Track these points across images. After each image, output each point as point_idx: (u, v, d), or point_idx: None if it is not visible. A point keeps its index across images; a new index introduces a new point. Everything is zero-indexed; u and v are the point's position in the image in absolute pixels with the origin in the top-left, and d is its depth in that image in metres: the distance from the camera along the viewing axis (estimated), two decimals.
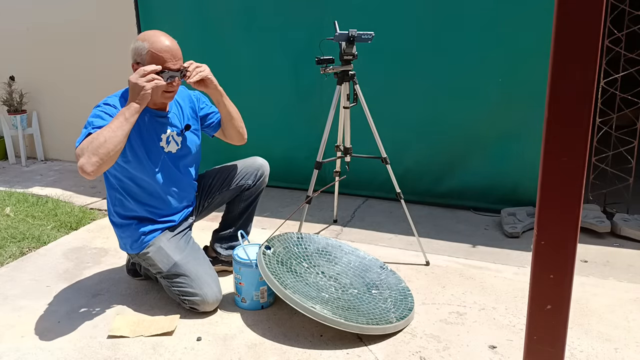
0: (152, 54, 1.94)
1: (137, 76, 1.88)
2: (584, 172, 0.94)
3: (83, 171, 1.80)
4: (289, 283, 2.00)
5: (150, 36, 1.97)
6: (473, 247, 2.70)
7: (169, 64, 1.95)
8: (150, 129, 2.07)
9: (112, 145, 1.81)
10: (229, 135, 2.28)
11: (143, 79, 1.88)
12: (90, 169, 1.79)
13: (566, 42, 0.88)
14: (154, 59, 1.94)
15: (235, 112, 2.22)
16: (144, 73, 1.89)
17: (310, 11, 3.29)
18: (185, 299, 2.07)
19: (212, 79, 2.06)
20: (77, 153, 1.83)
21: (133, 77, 1.88)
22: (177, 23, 3.64)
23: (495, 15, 2.92)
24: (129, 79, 1.88)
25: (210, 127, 2.30)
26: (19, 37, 4.52)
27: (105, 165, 1.83)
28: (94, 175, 1.81)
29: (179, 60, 2.00)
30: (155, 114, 2.09)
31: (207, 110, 2.28)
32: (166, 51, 1.95)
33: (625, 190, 2.97)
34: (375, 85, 3.14)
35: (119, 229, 2.18)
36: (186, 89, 2.16)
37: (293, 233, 2.34)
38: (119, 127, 1.84)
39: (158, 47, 1.94)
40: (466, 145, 3.19)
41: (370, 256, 2.37)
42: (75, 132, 4.66)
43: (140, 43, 1.96)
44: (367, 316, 1.95)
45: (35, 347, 1.91)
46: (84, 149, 1.82)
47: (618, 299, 2.17)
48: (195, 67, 2.02)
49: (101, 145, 1.80)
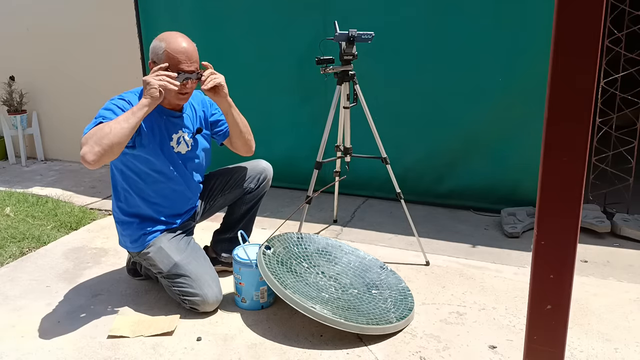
0: (168, 54, 1.97)
1: (150, 75, 1.92)
2: (584, 172, 0.94)
3: (84, 160, 1.81)
4: (289, 283, 2.00)
5: (168, 37, 2.00)
6: (473, 247, 2.70)
7: (184, 66, 1.98)
8: (163, 128, 2.09)
9: (116, 138, 1.82)
10: (235, 145, 2.28)
11: (154, 77, 1.91)
12: (91, 158, 1.80)
13: (566, 42, 0.88)
14: (169, 59, 1.96)
15: (244, 125, 2.22)
16: (157, 72, 1.92)
17: (313, 11, 3.29)
18: (186, 299, 2.07)
19: (224, 88, 2.07)
20: (82, 142, 1.84)
21: (147, 76, 1.92)
22: (177, 23, 3.64)
23: (496, 15, 2.92)
24: (143, 78, 1.92)
25: (219, 134, 2.30)
26: (19, 37, 4.52)
27: (107, 157, 1.84)
28: (94, 165, 1.82)
29: (195, 62, 2.01)
30: (170, 114, 2.11)
31: (217, 117, 2.28)
32: (182, 52, 1.97)
33: (625, 190, 2.97)
34: (375, 85, 3.14)
35: (120, 226, 2.19)
36: (202, 93, 2.18)
37: (293, 233, 2.34)
38: (125, 119, 1.85)
39: (174, 47, 1.97)
40: (466, 145, 3.19)
41: (370, 256, 2.37)
42: (75, 132, 4.68)
43: (158, 42, 1.99)
44: (367, 316, 1.95)
45: (35, 347, 1.91)
46: (88, 138, 1.83)
47: (618, 299, 2.17)
48: (210, 73, 2.03)
49: (105, 136, 1.81)
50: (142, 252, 2.14)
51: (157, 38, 2.02)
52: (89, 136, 1.84)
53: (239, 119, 2.19)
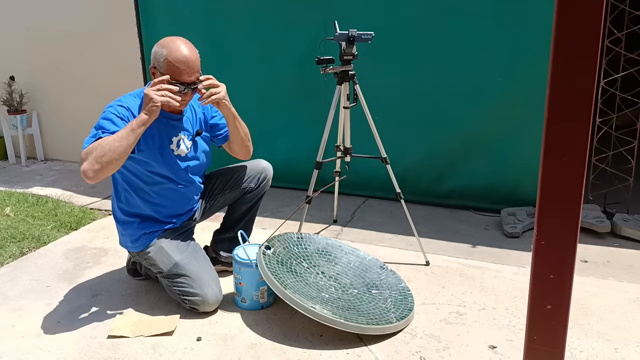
0: (169, 63, 1.93)
1: (151, 88, 1.89)
2: (584, 172, 0.94)
3: (85, 176, 1.84)
4: (289, 283, 2.00)
5: (170, 43, 1.95)
6: (473, 247, 2.70)
7: (184, 77, 1.94)
8: (162, 132, 2.08)
9: (115, 155, 1.83)
10: (234, 150, 2.28)
11: (156, 92, 1.88)
12: (91, 174, 1.84)
13: (566, 42, 0.88)
14: (169, 68, 1.93)
15: (245, 132, 2.22)
16: (158, 86, 1.89)
17: (313, 12, 3.28)
18: (186, 299, 2.07)
19: (225, 102, 2.05)
20: (82, 157, 1.85)
21: (148, 89, 1.89)
22: (177, 23, 3.64)
23: (496, 15, 2.92)
24: (145, 91, 1.89)
25: (218, 138, 2.30)
26: (19, 37, 4.52)
27: (106, 172, 1.85)
28: (95, 181, 1.85)
29: (196, 72, 1.98)
30: (169, 117, 2.10)
31: (217, 120, 2.27)
32: (183, 62, 1.93)
33: (625, 190, 2.97)
34: (376, 85, 3.14)
35: (120, 226, 2.19)
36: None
37: (293, 233, 2.34)
38: (124, 137, 1.85)
39: (175, 57, 1.93)
40: (466, 145, 3.19)
41: (370, 256, 2.37)
42: (75, 132, 4.68)
43: (160, 49, 1.96)
44: (367, 316, 1.95)
45: (35, 347, 1.91)
46: (88, 154, 1.84)
47: (618, 299, 2.17)
48: (209, 84, 2.00)
49: (105, 154, 1.82)
50: (142, 252, 2.14)
51: (159, 43, 1.98)
52: (88, 151, 1.84)
53: (240, 127, 2.18)
